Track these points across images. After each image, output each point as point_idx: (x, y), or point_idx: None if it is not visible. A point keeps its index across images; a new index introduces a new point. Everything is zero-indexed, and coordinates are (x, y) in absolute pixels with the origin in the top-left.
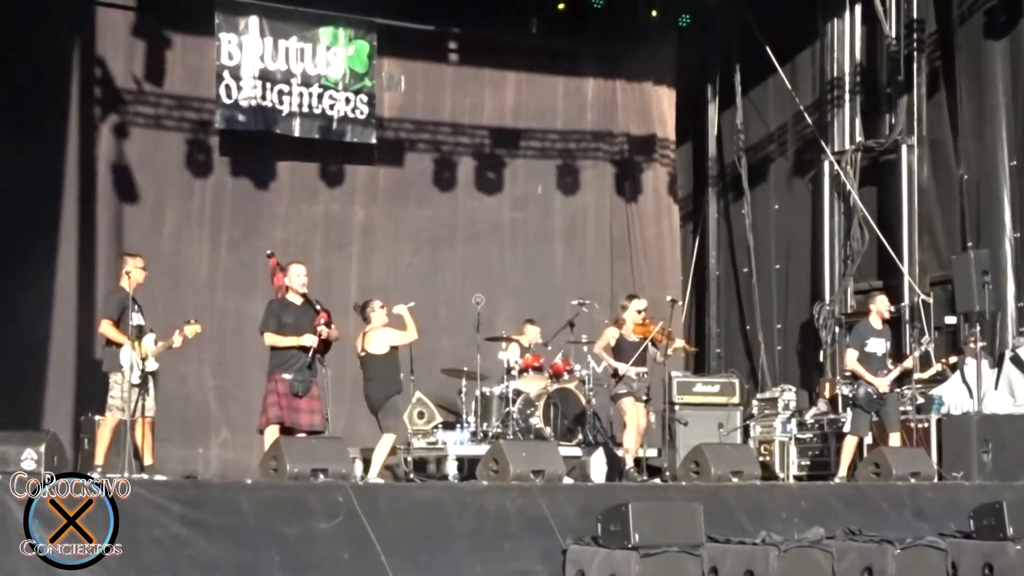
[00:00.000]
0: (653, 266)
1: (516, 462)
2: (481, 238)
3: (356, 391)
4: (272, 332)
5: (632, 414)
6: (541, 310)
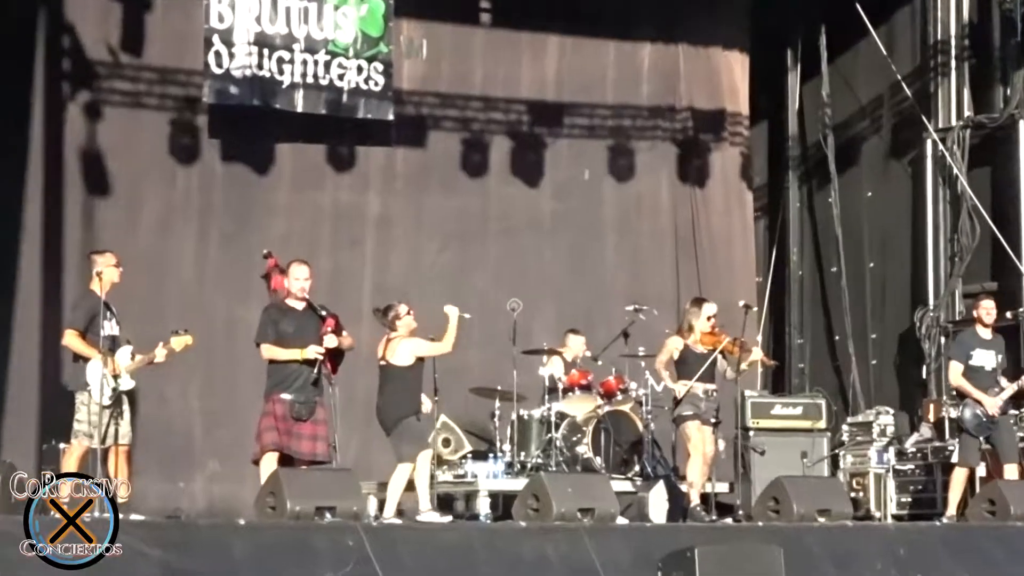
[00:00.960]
0: (723, 265)
1: (560, 499)
2: (517, 232)
3: (370, 413)
4: (270, 343)
5: (698, 441)
6: (589, 318)
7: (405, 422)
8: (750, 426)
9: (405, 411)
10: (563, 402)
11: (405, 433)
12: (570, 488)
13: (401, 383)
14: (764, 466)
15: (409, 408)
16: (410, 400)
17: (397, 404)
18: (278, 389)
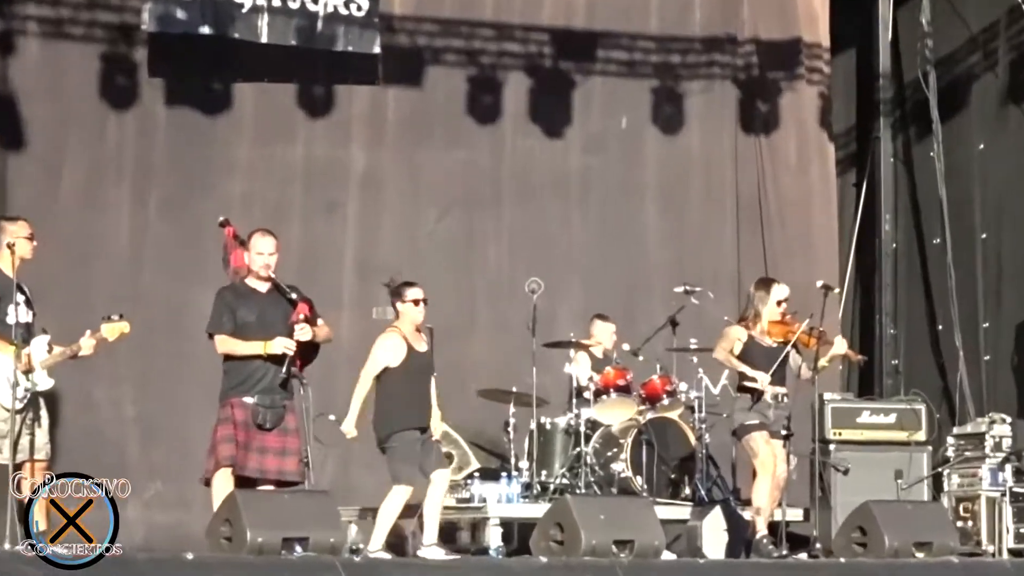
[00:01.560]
0: (797, 236)
1: (591, 529)
2: (537, 195)
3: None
4: (226, 335)
5: (766, 457)
6: (627, 302)
7: (398, 436)
8: (830, 438)
9: (398, 423)
10: (595, 408)
11: (399, 449)
12: (603, 515)
13: (394, 387)
14: (848, 488)
15: (404, 419)
16: (405, 408)
17: (388, 413)
18: (237, 391)
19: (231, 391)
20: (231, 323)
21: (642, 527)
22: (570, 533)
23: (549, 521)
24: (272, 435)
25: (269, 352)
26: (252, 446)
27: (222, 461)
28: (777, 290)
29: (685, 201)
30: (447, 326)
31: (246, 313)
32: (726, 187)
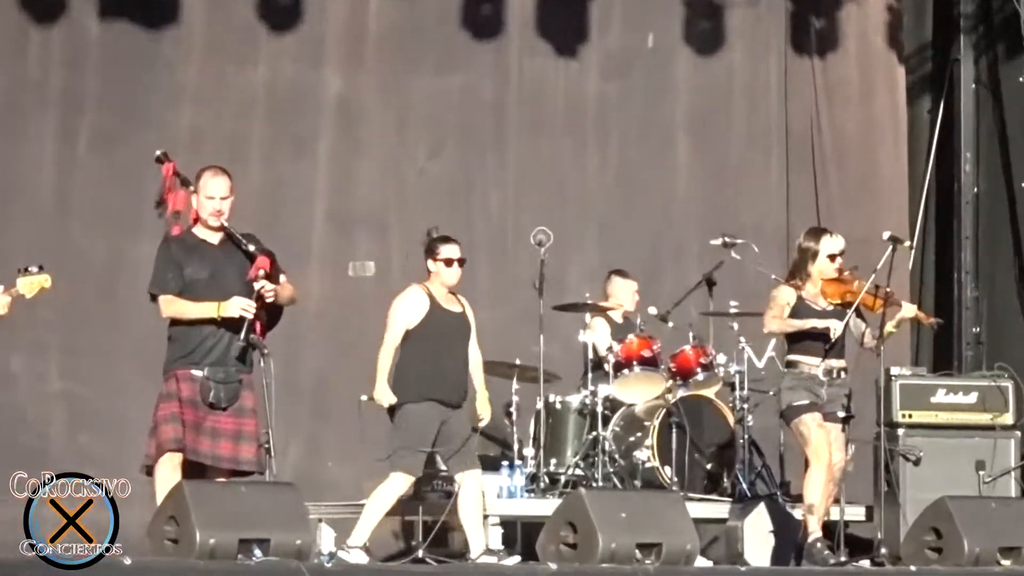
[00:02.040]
0: (858, 178)
1: (609, 529)
2: (547, 128)
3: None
4: (172, 294)
5: (820, 444)
6: (653, 257)
7: (406, 409)
8: (898, 421)
9: (410, 392)
10: (615, 384)
11: (405, 426)
12: (624, 513)
13: (412, 350)
14: (920, 482)
15: (417, 387)
16: (420, 375)
17: (400, 379)
18: (184, 363)
19: (177, 362)
20: (178, 281)
21: (671, 528)
22: (584, 535)
23: (559, 520)
24: (226, 415)
25: (223, 315)
26: (203, 428)
27: (166, 445)
28: (829, 242)
29: (723, 137)
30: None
31: (196, 269)
32: (772, 120)
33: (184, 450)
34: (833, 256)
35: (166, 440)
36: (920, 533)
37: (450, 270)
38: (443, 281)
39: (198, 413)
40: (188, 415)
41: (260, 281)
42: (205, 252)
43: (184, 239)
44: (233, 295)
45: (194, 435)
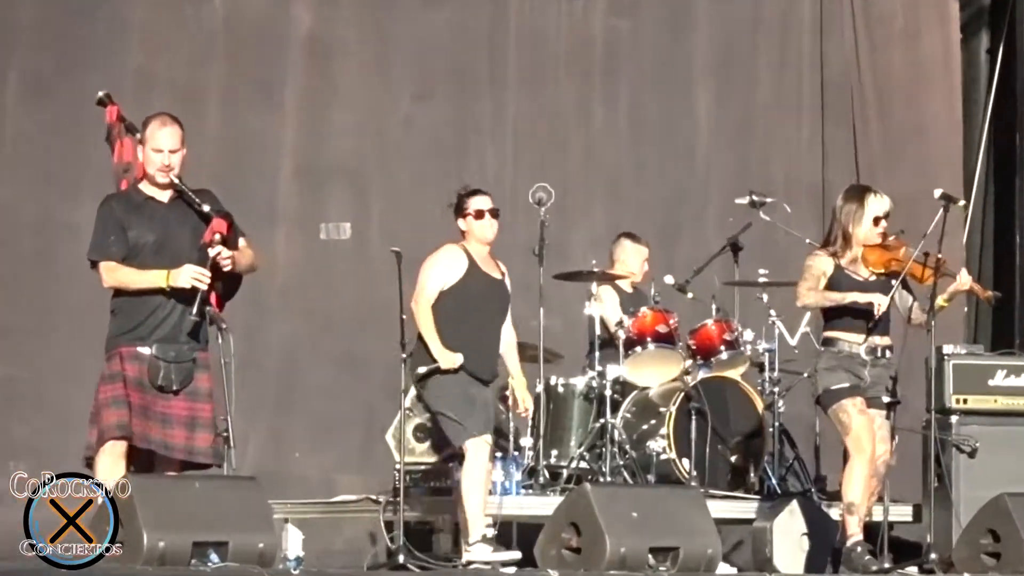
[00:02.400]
0: (904, 128)
1: (619, 531)
2: (549, 71)
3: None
4: (116, 261)
5: (862, 433)
6: (668, 218)
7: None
8: (951, 407)
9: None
10: (626, 364)
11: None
12: (636, 512)
13: (445, 315)
14: (975, 477)
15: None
16: (452, 344)
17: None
18: (129, 339)
19: (121, 338)
20: (121, 245)
21: (690, 529)
22: (590, 537)
23: (562, 520)
24: (178, 400)
25: (174, 285)
26: (152, 413)
27: (109, 432)
28: (873, 202)
29: (750, 81)
30: (426, 250)
31: (142, 231)
32: (806, 61)
33: (131, 437)
34: (877, 219)
35: (109, 426)
36: (975, 536)
37: (482, 222)
38: (477, 237)
39: (146, 396)
40: (135, 398)
41: (216, 246)
42: (153, 212)
43: (129, 197)
44: (184, 262)
45: (142, 421)
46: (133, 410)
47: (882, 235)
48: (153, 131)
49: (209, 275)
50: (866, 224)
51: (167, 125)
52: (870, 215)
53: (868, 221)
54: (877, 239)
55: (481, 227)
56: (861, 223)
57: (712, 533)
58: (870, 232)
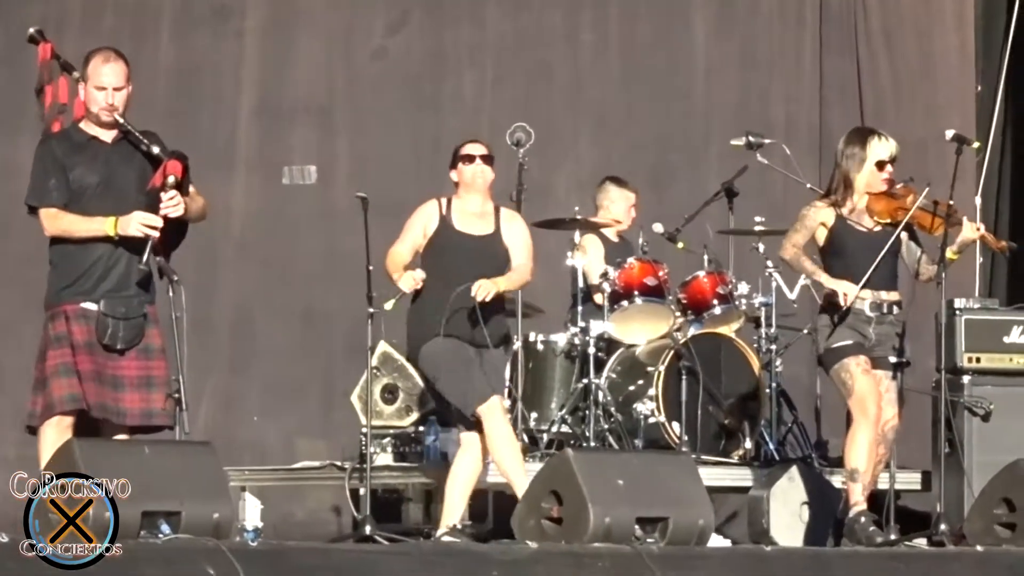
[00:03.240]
0: (913, 66)
1: (604, 500)
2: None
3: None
4: (57, 207)
5: (866, 395)
6: (659, 161)
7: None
8: (964, 366)
9: (426, 329)
10: (611, 319)
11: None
12: (623, 480)
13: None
14: (989, 441)
15: (428, 327)
16: (433, 310)
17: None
18: (72, 294)
19: (64, 292)
20: (62, 190)
21: (681, 498)
22: (572, 507)
23: (541, 489)
24: (129, 359)
25: (121, 233)
26: (104, 377)
27: (60, 405)
28: (877, 146)
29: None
30: (399, 195)
31: (84, 172)
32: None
33: (88, 409)
34: (882, 163)
35: (60, 399)
36: (989, 505)
37: (471, 167)
38: (466, 183)
39: (96, 359)
40: (85, 364)
41: (170, 191)
42: (96, 152)
43: (69, 136)
44: (130, 205)
45: (96, 387)
46: (84, 377)
47: (888, 182)
48: (96, 67)
49: (160, 222)
50: (871, 170)
51: (111, 61)
52: (872, 159)
53: (873, 166)
54: (882, 186)
55: (470, 173)
56: (863, 168)
57: (704, 502)
58: (874, 178)
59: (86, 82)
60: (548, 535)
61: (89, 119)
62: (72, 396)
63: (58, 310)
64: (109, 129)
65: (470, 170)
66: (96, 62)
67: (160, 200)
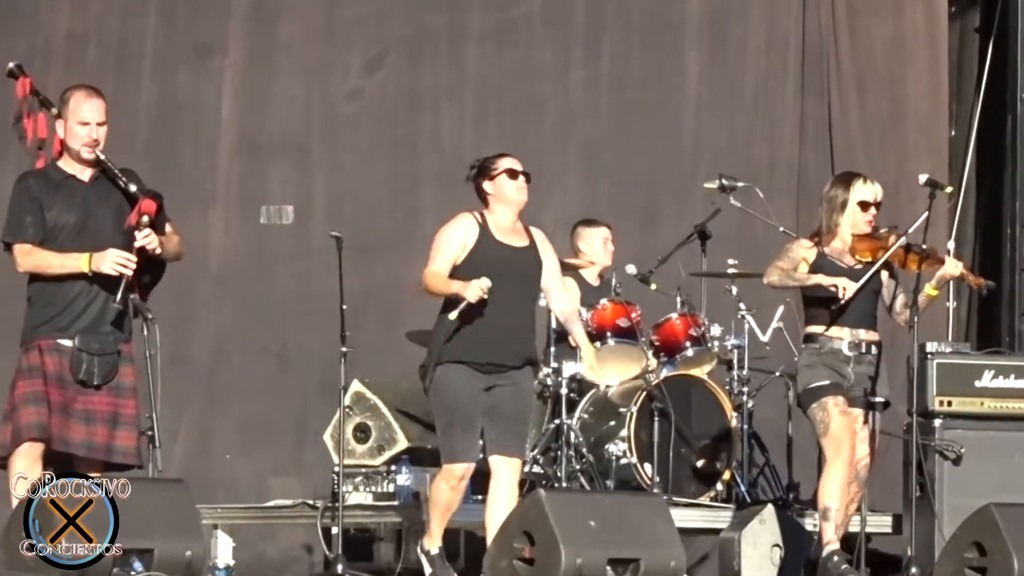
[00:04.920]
0: (885, 110)
1: (575, 541)
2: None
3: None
4: (32, 243)
5: (840, 436)
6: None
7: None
8: (935, 409)
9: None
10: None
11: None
12: (594, 521)
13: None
14: (960, 485)
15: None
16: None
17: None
18: (48, 330)
19: (39, 329)
20: (39, 227)
21: (652, 540)
22: (544, 547)
23: (514, 529)
24: (100, 395)
25: (96, 270)
26: (73, 411)
27: (26, 432)
28: (861, 189)
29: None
30: (374, 236)
31: (61, 212)
32: (792, 28)
33: (50, 440)
34: (866, 204)
35: (27, 426)
36: (960, 549)
37: (514, 183)
38: (507, 198)
39: (67, 393)
40: (55, 395)
41: (144, 229)
42: (74, 191)
43: (47, 174)
44: (107, 245)
45: (62, 419)
46: (53, 409)
47: (872, 222)
48: (78, 103)
49: (135, 260)
50: (855, 211)
51: (92, 97)
52: (856, 199)
53: (856, 207)
54: (866, 227)
55: (513, 188)
56: (846, 209)
57: (676, 544)
58: (857, 218)
59: (65, 119)
60: (519, 574)
61: (69, 156)
62: (39, 424)
63: (32, 344)
64: (87, 167)
65: (513, 185)
66: (78, 97)
67: (135, 238)
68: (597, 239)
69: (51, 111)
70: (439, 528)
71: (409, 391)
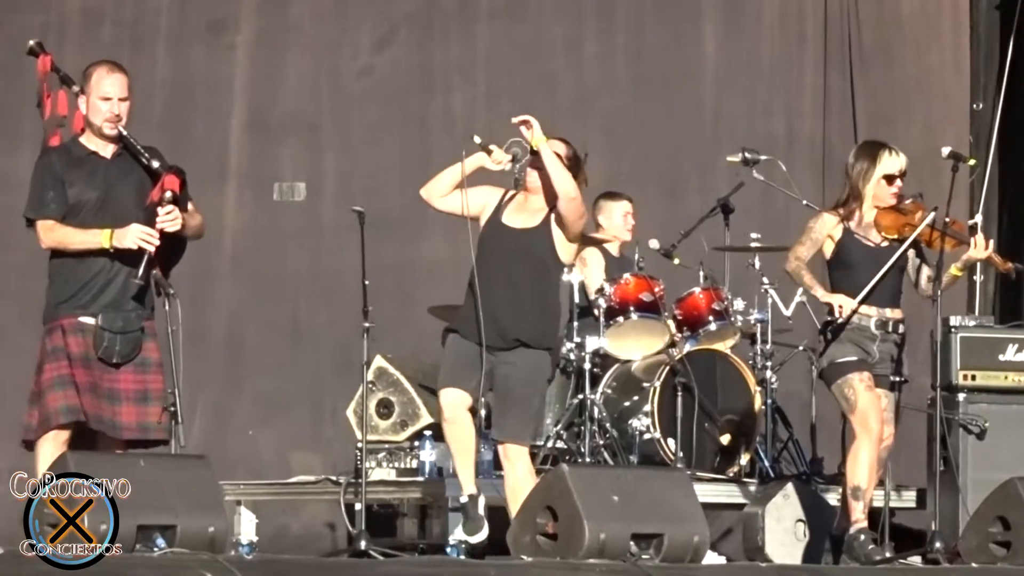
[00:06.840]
0: (908, 82)
1: (599, 516)
2: (531, 8)
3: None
4: (54, 219)
5: (868, 412)
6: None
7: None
8: (959, 384)
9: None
10: (607, 335)
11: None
12: (617, 496)
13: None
14: (983, 459)
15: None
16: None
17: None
18: (70, 307)
19: (61, 307)
20: (60, 203)
21: (676, 515)
22: (567, 522)
23: (537, 504)
24: (126, 372)
25: (118, 245)
26: (100, 390)
27: (56, 418)
28: (887, 160)
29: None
30: (389, 214)
31: (83, 188)
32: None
33: (86, 421)
34: (891, 177)
35: (56, 411)
36: (984, 523)
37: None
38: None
39: (93, 372)
40: (81, 376)
41: (167, 205)
42: (95, 167)
43: (69, 150)
44: (128, 221)
45: (93, 399)
46: (81, 389)
47: (897, 196)
48: (100, 79)
49: (157, 235)
50: (880, 184)
51: (115, 72)
52: (881, 172)
53: (882, 179)
54: (891, 200)
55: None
56: (871, 181)
57: (699, 519)
58: (882, 191)
59: (87, 94)
60: (543, 550)
61: (90, 132)
62: (68, 408)
63: (55, 324)
64: (110, 143)
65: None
66: (100, 73)
67: (157, 214)
68: (618, 213)
69: (72, 88)
70: (462, 472)
71: (431, 366)
